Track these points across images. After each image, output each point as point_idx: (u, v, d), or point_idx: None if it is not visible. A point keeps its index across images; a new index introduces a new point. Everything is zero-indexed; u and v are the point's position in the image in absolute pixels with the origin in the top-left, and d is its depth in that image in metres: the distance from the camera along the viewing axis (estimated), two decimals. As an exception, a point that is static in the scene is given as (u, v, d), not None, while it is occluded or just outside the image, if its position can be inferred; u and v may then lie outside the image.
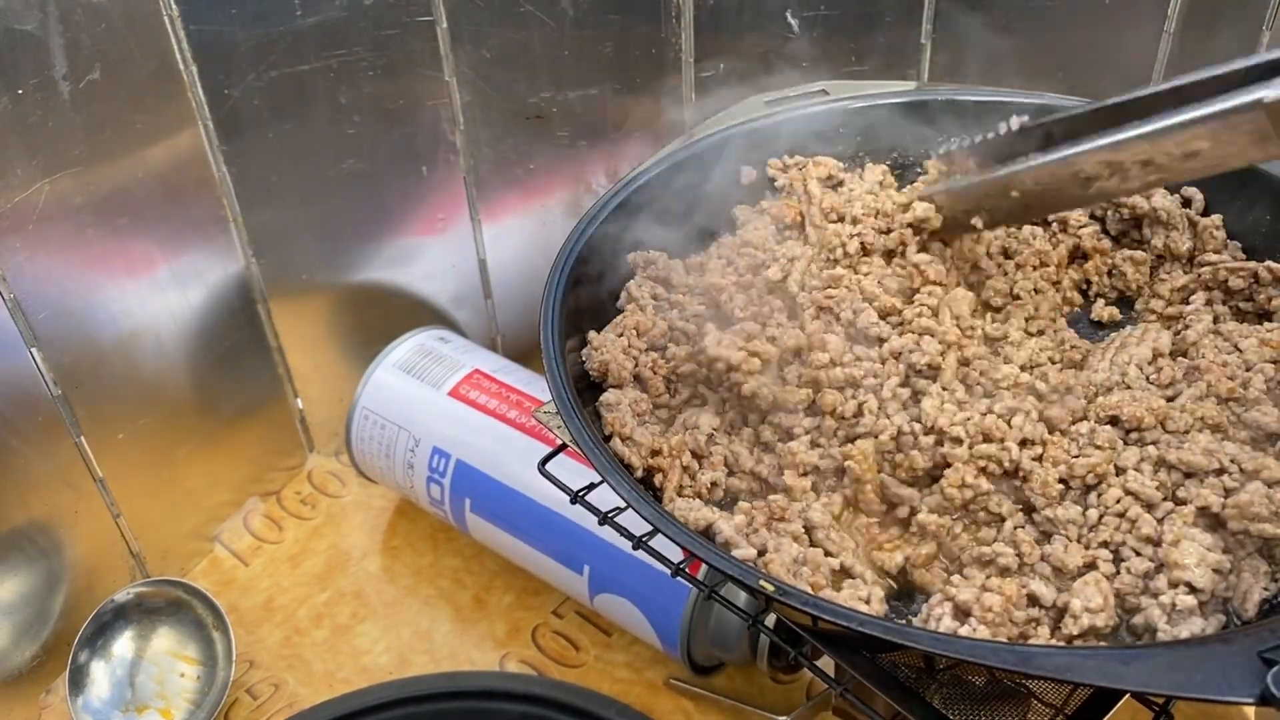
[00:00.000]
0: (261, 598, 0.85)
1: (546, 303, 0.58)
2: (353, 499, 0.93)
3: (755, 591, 0.45)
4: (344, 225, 0.86)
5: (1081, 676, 0.39)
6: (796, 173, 0.68)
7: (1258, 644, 0.39)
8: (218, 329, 0.83)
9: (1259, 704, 0.37)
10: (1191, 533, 0.48)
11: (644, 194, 0.66)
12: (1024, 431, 0.52)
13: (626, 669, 0.78)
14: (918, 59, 0.87)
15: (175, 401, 0.81)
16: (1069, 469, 0.51)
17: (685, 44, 0.86)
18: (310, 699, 0.76)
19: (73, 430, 0.74)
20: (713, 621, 0.72)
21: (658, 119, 0.90)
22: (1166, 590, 0.46)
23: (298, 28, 0.76)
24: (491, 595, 0.84)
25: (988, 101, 0.70)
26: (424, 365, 0.84)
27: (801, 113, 0.71)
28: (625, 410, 0.55)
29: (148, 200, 0.75)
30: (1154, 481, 0.50)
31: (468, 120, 0.85)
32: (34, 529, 0.74)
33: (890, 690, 0.47)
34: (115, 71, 0.70)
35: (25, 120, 0.66)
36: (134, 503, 0.80)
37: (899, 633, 0.42)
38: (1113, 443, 0.52)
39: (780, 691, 0.75)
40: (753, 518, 0.51)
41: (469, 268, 0.93)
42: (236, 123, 0.78)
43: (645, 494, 0.50)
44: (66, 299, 0.71)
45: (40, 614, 0.76)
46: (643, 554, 0.53)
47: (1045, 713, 0.52)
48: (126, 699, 0.77)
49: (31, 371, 0.70)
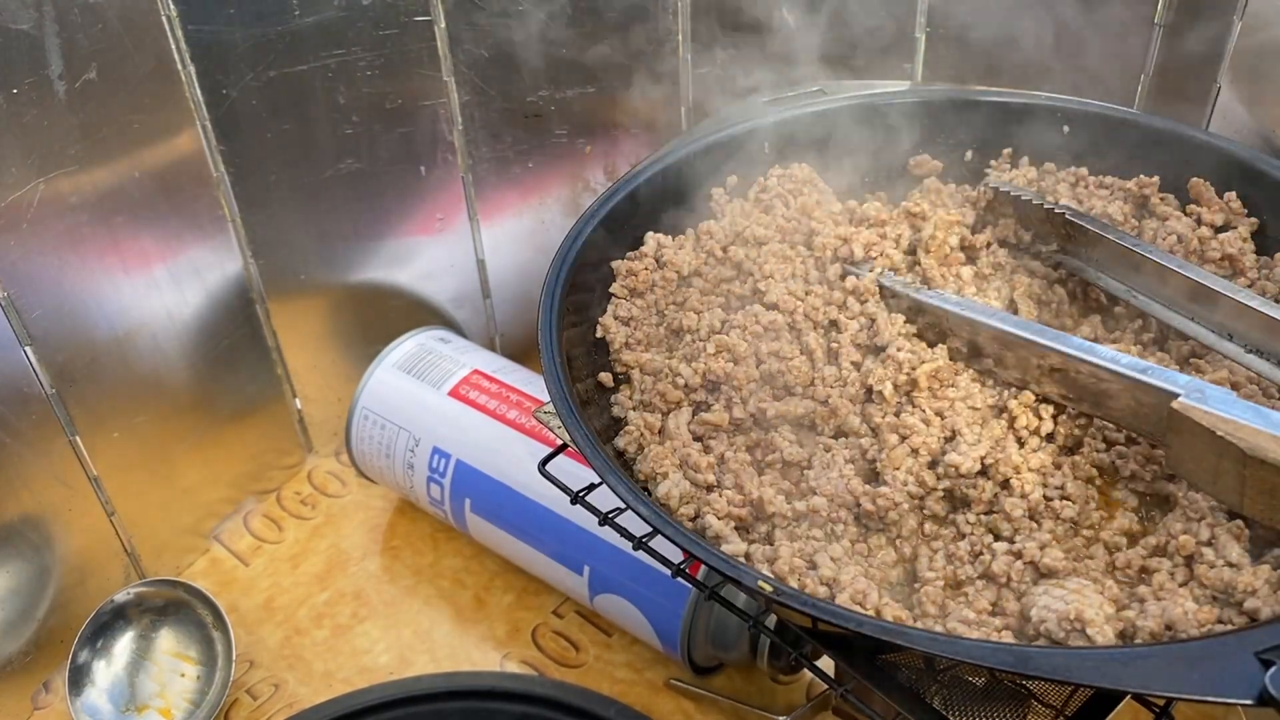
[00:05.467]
0: (261, 598, 0.85)
1: (545, 302, 0.58)
2: (353, 499, 0.93)
3: (754, 592, 0.45)
4: (342, 225, 0.86)
5: (1080, 677, 0.39)
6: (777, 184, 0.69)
7: (1256, 644, 0.39)
8: (215, 328, 0.83)
9: (1257, 704, 0.37)
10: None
11: (643, 193, 0.66)
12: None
13: (626, 669, 0.78)
14: (912, 54, 0.87)
15: (172, 401, 0.81)
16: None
17: (683, 42, 0.86)
18: (310, 699, 0.76)
19: (67, 428, 0.74)
20: (713, 622, 0.72)
21: (656, 117, 0.90)
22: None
23: (296, 28, 0.76)
24: (491, 595, 0.84)
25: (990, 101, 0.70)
26: (424, 365, 0.84)
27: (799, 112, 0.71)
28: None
29: (145, 200, 0.75)
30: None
31: (466, 119, 0.85)
32: (27, 526, 0.74)
33: (890, 691, 0.47)
34: (112, 71, 0.70)
35: (20, 119, 0.66)
36: (128, 501, 0.79)
37: (899, 633, 0.42)
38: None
39: (780, 692, 0.75)
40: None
41: (467, 267, 0.93)
42: (235, 123, 0.77)
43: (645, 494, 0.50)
44: (61, 298, 0.71)
45: (32, 611, 0.76)
46: (643, 555, 0.53)
47: (1045, 714, 0.52)
48: (126, 699, 0.77)
49: (25, 370, 0.70)
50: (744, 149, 0.69)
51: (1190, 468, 0.48)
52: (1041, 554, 0.49)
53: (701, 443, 0.57)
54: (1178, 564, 0.48)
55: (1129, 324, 0.61)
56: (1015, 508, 0.51)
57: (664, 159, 0.67)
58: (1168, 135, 0.66)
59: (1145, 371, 0.49)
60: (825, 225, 0.65)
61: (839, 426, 0.57)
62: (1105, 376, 0.51)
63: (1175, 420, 0.47)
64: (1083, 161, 0.69)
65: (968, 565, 0.51)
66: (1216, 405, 0.46)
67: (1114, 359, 0.51)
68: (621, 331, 0.62)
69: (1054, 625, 0.45)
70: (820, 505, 0.52)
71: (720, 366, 0.58)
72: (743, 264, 0.64)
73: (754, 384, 0.58)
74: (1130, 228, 0.64)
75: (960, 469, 0.52)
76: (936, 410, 0.56)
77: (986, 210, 0.66)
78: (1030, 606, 0.47)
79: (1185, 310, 0.57)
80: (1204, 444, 0.46)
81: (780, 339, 0.60)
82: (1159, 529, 0.50)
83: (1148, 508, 0.53)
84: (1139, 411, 0.50)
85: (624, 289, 0.64)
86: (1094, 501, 0.53)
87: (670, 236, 0.66)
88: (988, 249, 0.63)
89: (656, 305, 0.64)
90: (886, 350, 0.58)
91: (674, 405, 0.58)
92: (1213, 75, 0.76)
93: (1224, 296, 0.55)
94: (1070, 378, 0.53)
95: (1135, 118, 0.68)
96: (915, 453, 0.54)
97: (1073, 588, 0.47)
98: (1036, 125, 0.69)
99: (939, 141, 0.72)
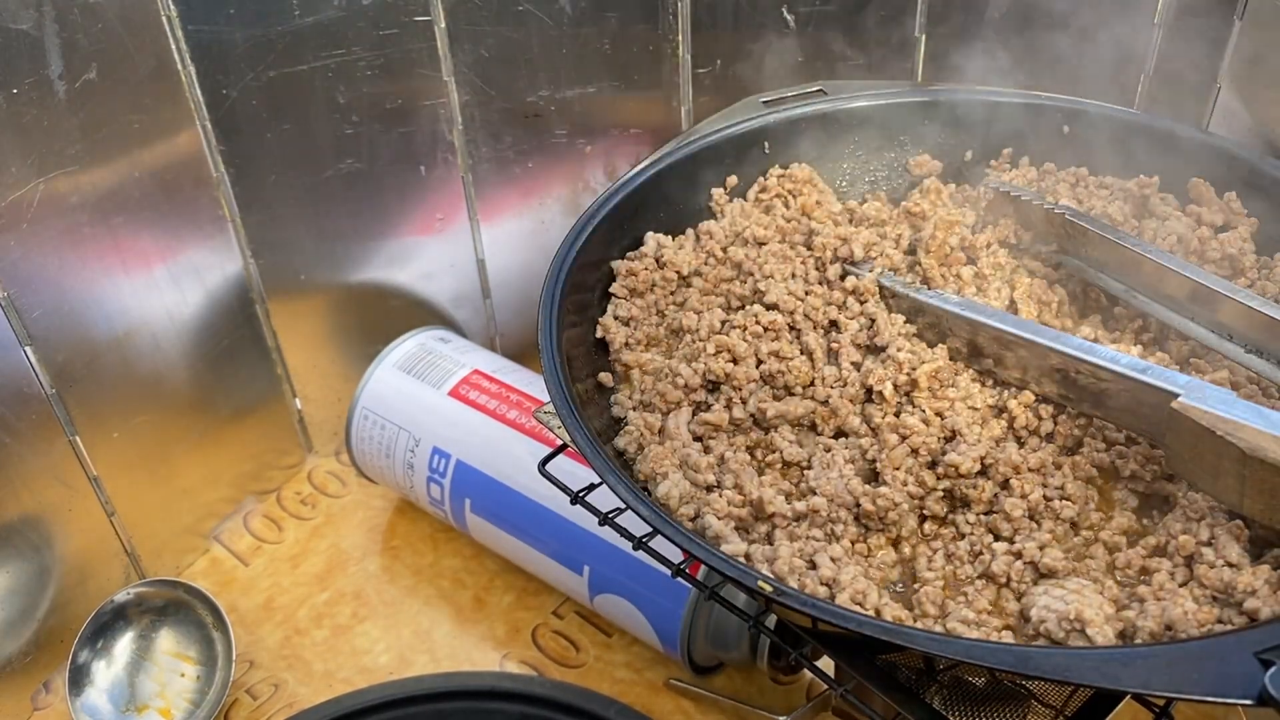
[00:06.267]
0: (261, 598, 0.85)
1: (545, 302, 0.58)
2: (353, 499, 0.93)
3: (754, 592, 0.45)
4: (342, 225, 0.86)
5: (1080, 677, 0.39)
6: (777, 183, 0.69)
7: (1255, 644, 0.39)
8: (215, 328, 0.83)
9: (1257, 704, 0.37)
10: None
11: (643, 193, 0.66)
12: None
13: (626, 669, 0.78)
14: (913, 54, 0.87)
15: (172, 400, 0.81)
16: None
17: (682, 42, 0.86)
18: (310, 699, 0.76)
19: (67, 428, 0.74)
20: (713, 622, 0.72)
21: (655, 117, 0.90)
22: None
23: (296, 28, 0.76)
24: (491, 595, 0.84)
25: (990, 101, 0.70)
26: (424, 365, 0.84)
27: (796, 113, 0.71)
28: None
29: (145, 200, 0.75)
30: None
31: (466, 120, 0.85)
32: (26, 526, 0.74)
33: (890, 691, 0.47)
34: (112, 71, 0.70)
35: (20, 119, 0.66)
36: (128, 501, 0.80)
37: (898, 633, 0.42)
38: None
39: (780, 692, 0.75)
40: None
41: (467, 267, 0.93)
42: (235, 123, 0.77)
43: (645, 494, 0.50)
44: (61, 298, 0.71)
45: (32, 611, 0.76)
46: (643, 554, 0.53)
47: (1045, 714, 0.52)
48: (126, 699, 0.77)
49: (25, 370, 0.70)
50: (744, 149, 0.70)
51: (1190, 468, 0.48)
52: (1041, 554, 0.49)
53: (701, 443, 0.57)
54: (1178, 564, 0.48)
55: (1129, 324, 0.61)
56: (1015, 508, 0.51)
57: (664, 159, 0.67)
58: (1168, 135, 0.66)
59: (1145, 371, 0.49)
60: (825, 225, 0.65)
61: (839, 426, 0.57)
62: (1105, 376, 0.51)
63: (1175, 420, 0.47)
64: (1083, 161, 0.69)
65: (968, 565, 0.51)
66: (1216, 405, 0.46)
67: (1114, 359, 0.51)
68: (621, 331, 0.62)
69: (1054, 625, 0.45)
70: (820, 505, 0.52)
71: (720, 366, 0.58)
72: (743, 264, 0.64)
73: (754, 384, 0.58)
74: (1130, 228, 0.64)
75: (960, 469, 0.52)
76: (936, 410, 0.56)
77: (986, 210, 0.67)
78: (1030, 606, 0.47)
79: (1185, 310, 0.57)
80: (1204, 444, 0.46)
81: (780, 339, 0.60)
82: (1159, 529, 0.50)
83: (1148, 508, 0.53)
84: (1139, 411, 0.50)
85: (624, 289, 0.64)
86: (1094, 501, 0.53)
87: (670, 236, 0.66)
88: (988, 249, 0.63)
89: (656, 305, 0.64)
90: (886, 350, 0.58)
91: (674, 405, 0.58)
92: (1213, 75, 0.76)
93: (1224, 296, 0.55)
94: (1070, 378, 0.53)
95: (1135, 118, 0.68)
96: (915, 453, 0.54)
97: (1073, 588, 0.47)
98: (1036, 125, 0.69)
99: (939, 141, 0.72)
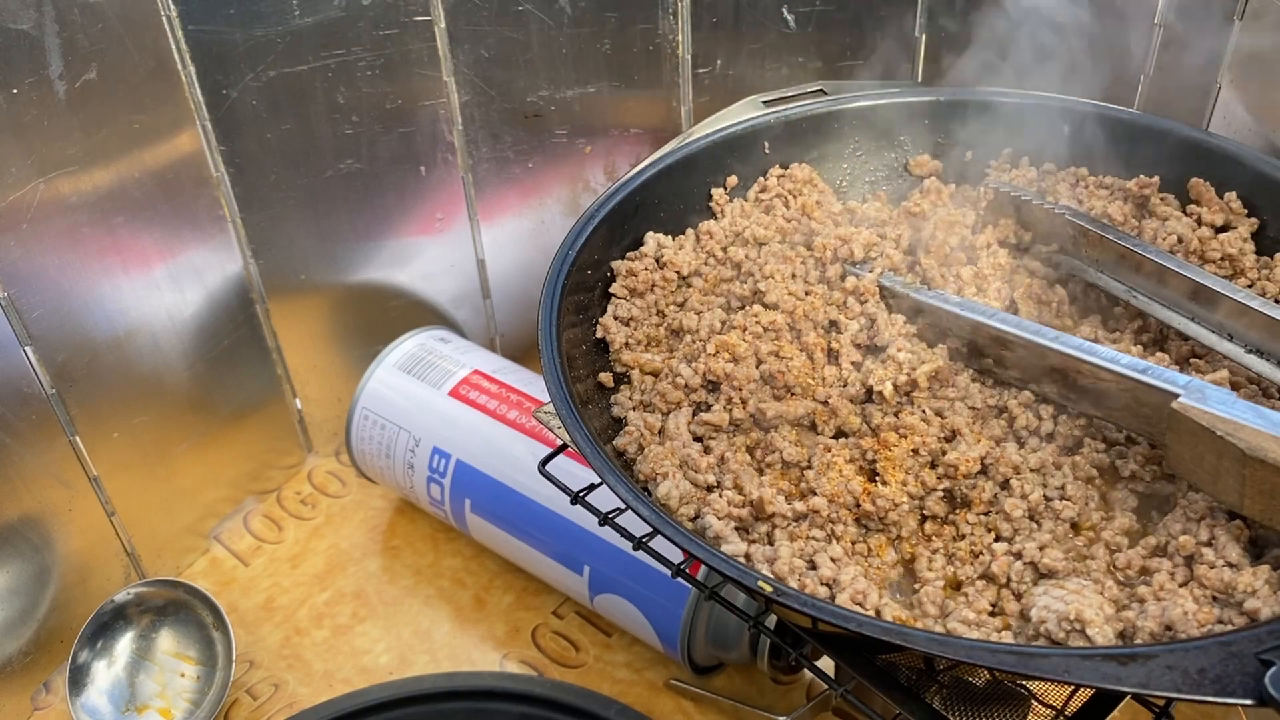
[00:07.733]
0: (261, 598, 0.85)
1: (545, 302, 0.58)
2: (353, 499, 0.93)
3: (754, 592, 0.45)
4: (342, 225, 0.86)
5: (1080, 678, 0.39)
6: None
7: (1255, 645, 0.39)
8: (215, 329, 0.83)
9: (1257, 705, 0.37)
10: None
11: (643, 193, 0.66)
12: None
13: (626, 669, 0.78)
14: (913, 54, 0.87)
15: (172, 401, 0.81)
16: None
17: (682, 42, 0.86)
18: (310, 699, 0.76)
19: (67, 428, 0.74)
20: (713, 622, 0.72)
21: (655, 117, 0.90)
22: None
23: (296, 28, 0.76)
24: (491, 595, 0.84)
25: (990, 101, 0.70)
26: (424, 365, 0.84)
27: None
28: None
29: (145, 200, 0.75)
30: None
31: (466, 120, 0.85)
32: (26, 526, 0.74)
33: (890, 691, 0.47)
34: (112, 71, 0.70)
35: (20, 119, 0.66)
36: (128, 500, 0.80)
37: (898, 633, 0.42)
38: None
39: (780, 692, 0.75)
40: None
41: (467, 267, 0.93)
42: (235, 123, 0.77)
43: (645, 495, 0.50)
44: (61, 298, 0.71)
45: (32, 611, 0.76)
46: (643, 554, 0.53)
47: (1045, 714, 0.52)
48: (126, 699, 0.77)
49: (25, 370, 0.70)
50: (744, 149, 0.69)
51: (1190, 468, 0.48)
52: (1041, 554, 0.49)
53: (701, 443, 0.57)
54: (1178, 564, 0.48)
55: (1129, 324, 0.61)
56: (1015, 508, 0.51)
57: (664, 159, 0.67)
58: (1168, 135, 0.66)
59: (1145, 371, 0.49)
60: (825, 225, 0.65)
61: (839, 426, 0.57)
62: (1105, 376, 0.51)
63: (1175, 420, 0.47)
64: (1083, 161, 0.69)
65: (968, 565, 0.51)
66: (1216, 405, 0.46)
67: (1114, 359, 0.51)
68: (621, 331, 0.62)
69: (1054, 625, 0.45)
70: (820, 505, 0.52)
71: (720, 366, 0.58)
72: (743, 264, 0.64)
73: (754, 384, 0.58)
74: (1130, 228, 0.64)
75: (960, 469, 0.52)
76: (936, 410, 0.56)
77: (986, 210, 0.67)
78: (1030, 607, 0.47)
79: (1185, 310, 0.57)
80: (1204, 444, 0.46)
81: (780, 339, 0.60)
82: (1159, 529, 0.50)
83: (1148, 508, 0.53)
84: (1139, 411, 0.50)
85: (624, 289, 0.64)
86: (1094, 502, 0.53)
87: (670, 236, 0.66)
88: (988, 249, 0.63)
89: (656, 305, 0.64)
90: (886, 350, 0.58)
91: (674, 405, 0.58)
92: (1213, 75, 0.76)
93: (1224, 297, 0.55)
94: (1070, 378, 0.53)
95: (1135, 118, 0.68)
96: (915, 452, 0.54)
97: (1073, 588, 0.47)
98: (1036, 125, 0.69)
99: (939, 141, 0.72)
